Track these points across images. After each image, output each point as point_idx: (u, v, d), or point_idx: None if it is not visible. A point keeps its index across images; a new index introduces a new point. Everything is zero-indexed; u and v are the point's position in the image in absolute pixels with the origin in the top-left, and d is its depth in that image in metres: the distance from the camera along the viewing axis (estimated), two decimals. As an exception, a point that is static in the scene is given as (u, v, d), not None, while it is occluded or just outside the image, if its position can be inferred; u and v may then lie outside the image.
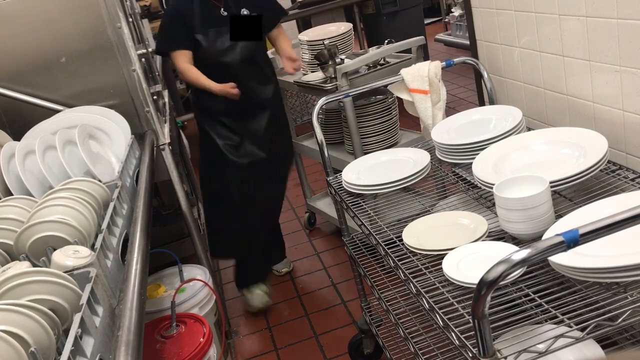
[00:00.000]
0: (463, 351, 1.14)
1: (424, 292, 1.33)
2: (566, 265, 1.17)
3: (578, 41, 1.66)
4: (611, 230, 0.97)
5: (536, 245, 0.97)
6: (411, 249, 1.50)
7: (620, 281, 1.17)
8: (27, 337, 0.93)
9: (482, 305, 0.99)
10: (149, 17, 6.15)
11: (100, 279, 1.19)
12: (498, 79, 2.16)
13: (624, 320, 1.10)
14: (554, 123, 1.90)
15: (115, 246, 1.42)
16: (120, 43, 2.27)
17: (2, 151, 1.67)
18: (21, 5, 2.18)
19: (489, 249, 1.39)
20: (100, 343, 1.06)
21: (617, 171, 1.59)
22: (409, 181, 1.82)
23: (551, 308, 1.19)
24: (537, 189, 1.37)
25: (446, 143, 1.84)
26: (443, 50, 6.54)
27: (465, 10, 2.25)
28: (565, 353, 1.25)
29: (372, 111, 2.75)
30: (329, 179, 2.06)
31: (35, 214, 1.37)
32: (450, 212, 1.66)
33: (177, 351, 1.95)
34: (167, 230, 3.23)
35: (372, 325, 2.18)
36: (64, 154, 1.71)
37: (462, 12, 5.93)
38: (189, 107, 5.62)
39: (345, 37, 3.00)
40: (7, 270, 1.16)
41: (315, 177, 4.09)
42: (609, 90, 1.60)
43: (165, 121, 2.65)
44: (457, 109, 4.82)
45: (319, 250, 3.30)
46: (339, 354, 2.45)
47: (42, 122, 2.09)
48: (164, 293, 2.35)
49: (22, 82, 2.24)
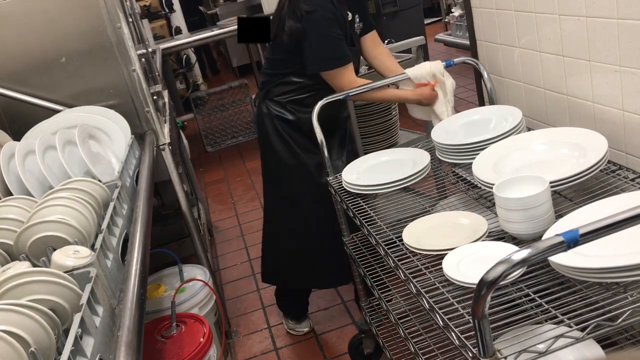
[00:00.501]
0: (463, 351, 1.14)
1: (424, 292, 1.33)
2: (566, 265, 1.17)
3: (578, 41, 1.66)
4: (611, 230, 0.97)
5: (536, 245, 0.97)
6: (411, 249, 1.50)
7: (620, 281, 1.17)
8: (27, 337, 0.93)
9: (482, 305, 0.99)
10: (149, 17, 6.16)
11: (100, 279, 1.19)
12: (498, 79, 2.16)
13: (624, 320, 1.10)
14: (554, 123, 1.90)
15: (115, 246, 1.42)
16: (120, 43, 2.27)
17: (2, 151, 1.67)
18: (21, 5, 2.18)
19: (489, 249, 1.39)
20: (100, 343, 1.06)
21: (617, 171, 1.59)
22: (409, 181, 1.82)
23: (551, 308, 1.19)
24: (537, 189, 1.37)
25: (446, 143, 1.84)
26: (443, 50, 6.54)
27: (465, 10, 2.25)
28: (565, 353, 1.25)
29: (372, 111, 2.75)
30: (329, 179, 2.06)
31: (35, 214, 1.37)
32: (450, 212, 1.66)
33: (177, 351, 1.95)
34: (167, 230, 3.23)
35: (372, 325, 2.18)
36: (64, 154, 1.71)
37: (462, 12, 5.93)
38: (189, 107, 5.65)
39: (345, 37, 2.99)
40: (7, 270, 1.16)
41: (315, 177, 4.09)
42: (609, 90, 1.60)
43: (165, 121, 2.65)
44: (457, 109, 4.80)
45: (319, 250, 3.30)
46: (339, 354, 2.45)
47: (42, 122, 2.09)
48: (164, 293, 2.35)
49: (22, 82, 2.24)
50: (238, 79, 5.84)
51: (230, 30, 4.87)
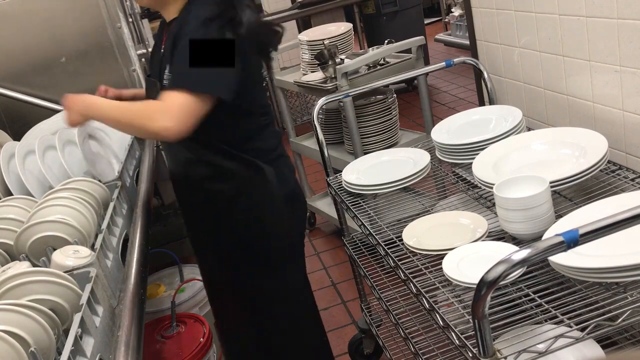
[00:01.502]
0: (463, 351, 1.14)
1: (424, 292, 1.33)
2: (566, 265, 1.17)
3: (578, 41, 1.66)
4: (611, 230, 0.97)
5: (536, 245, 0.97)
6: (411, 249, 1.50)
7: (620, 281, 1.17)
8: (27, 337, 0.93)
9: (482, 305, 0.99)
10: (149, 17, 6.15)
11: (100, 279, 1.19)
12: (498, 79, 2.16)
13: (624, 320, 1.10)
14: (554, 123, 1.90)
15: (115, 246, 1.42)
16: (120, 43, 2.27)
17: (2, 151, 1.67)
18: (21, 5, 2.19)
19: (489, 249, 1.39)
20: (100, 343, 1.06)
21: (617, 171, 1.59)
22: (409, 181, 1.82)
23: (551, 308, 1.19)
24: (537, 189, 1.37)
25: (446, 143, 1.84)
26: (443, 50, 6.54)
27: (465, 10, 2.25)
28: (565, 353, 1.25)
29: (372, 111, 2.75)
30: (329, 179, 2.06)
31: (35, 214, 1.37)
32: (450, 212, 1.66)
33: (177, 351, 1.95)
34: (167, 230, 3.23)
35: (372, 325, 2.18)
36: (64, 154, 1.71)
37: (462, 12, 5.93)
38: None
39: (345, 37, 3.00)
40: (7, 270, 1.16)
41: (315, 177, 4.09)
42: (609, 90, 1.60)
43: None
44: (457, 109, 4.82)
45: (319, 250, 3.30)
46: (339, 354, 2.45)
47: (42, 122, 2.09)
48: (164, 293, 2.35)
49: (22, 82, 2.25)
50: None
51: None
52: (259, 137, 1.66)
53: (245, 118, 1.63)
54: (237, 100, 1.50)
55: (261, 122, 1.67)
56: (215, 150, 1.62)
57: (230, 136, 1.61)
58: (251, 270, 1.76)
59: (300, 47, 3.10)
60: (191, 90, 1.40)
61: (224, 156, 1.62)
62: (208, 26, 1.44)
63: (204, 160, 1.65)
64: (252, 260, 1.74)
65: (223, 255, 1.79)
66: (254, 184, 1.66)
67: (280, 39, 1.69)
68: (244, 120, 1.63)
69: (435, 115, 3.10)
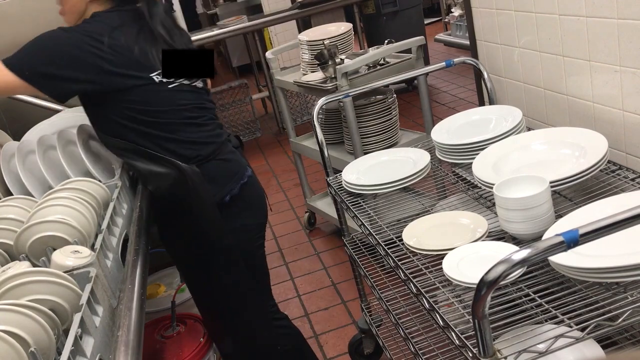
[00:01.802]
0: (463, 351, 1.14)
1: (424, 292, 1.33)
2: (566, 265, 1.17)
3: (578, 41, 1.66)
4: (611, 230, 0.97)
5: (536, 245, 0.97)
6: (411, 249, 1.50)
7: (620, 281, 1.17)
8: (27, 337, 0.93)
9: (482, 305, 0.99)
10: (149, 17, 6.12)
11: (100, 279, 1.19)
12: (498, 79, 2.16)
13: (624, 320, 1.10)
14: (554, 123, 1.90)
15: (115, 246, 1.42)
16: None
17: (2, 151, 1.67)
18: (21, 5, 2.18)
19: (489, 249, 1.39)
20: (100, 343, 1.06)
21: (617, 171, 1.59)
22: (409, 181, 1.82)
23: (551, 308, 1.19)
24: (537, 189, 1.37)
25: (446, 143, 1.84)
26: (443, 50, 6.54)
27: (465, 10, 2.25)
28: (565, 353, 1.25)
29: (372, 111, 2.75)
30: (329, 179, 2.06)
31: (35, 214, 1.37)
32: (450, 212, 1.66)
33: (177, 351, 1.95)
34: (167, 230, 3.22)
35: (372, 325, 2.18)
36: (64, 154, 1.71)
37: (462, 12, 5.93)
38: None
39: (345, 37, 3.00)
40: (7, 270, 1.16)
41: (315, 177, 4.09)
42: (609, 90, 1.60)
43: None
44: (457, 109, 4.83)
45: (319, 250, 3.30)
46: (339, 354, 2.45)
47: (42, 122, 2.09)
48: (164, 293, 2.35)
49: (22, 82, 2.24)
50: (238, 79, 5.84)
51: (230, 30, 4.88)
52: (177, 137, 1.70)
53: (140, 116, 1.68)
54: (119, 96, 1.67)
55: (181, 122, 1.71)
56: (136, 151, 1.71)
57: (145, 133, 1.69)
58: (197, 272, 1.86)
59: (300, 47, 3.10)
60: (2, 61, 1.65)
61: (145, 157, 1.71)
62: (66, 30, 1.65)
63: (129, 164, 1.76)
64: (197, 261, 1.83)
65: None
66: (179, 184, 1.69)
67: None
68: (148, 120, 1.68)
69: (435, 115, 3.10)
